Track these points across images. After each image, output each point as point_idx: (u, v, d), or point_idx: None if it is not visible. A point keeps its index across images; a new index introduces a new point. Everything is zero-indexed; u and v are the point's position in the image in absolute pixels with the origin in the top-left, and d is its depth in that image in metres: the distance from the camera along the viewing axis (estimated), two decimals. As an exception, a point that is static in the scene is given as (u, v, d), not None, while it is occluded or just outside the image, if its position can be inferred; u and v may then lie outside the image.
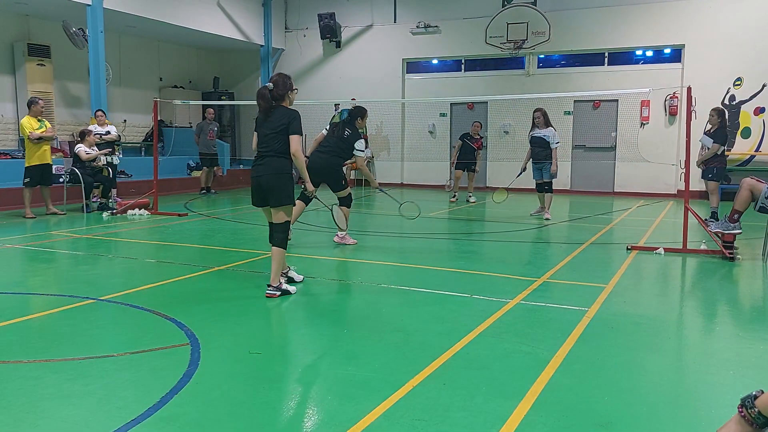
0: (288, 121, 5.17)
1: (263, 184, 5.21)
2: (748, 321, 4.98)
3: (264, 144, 5.26)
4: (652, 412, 3.09)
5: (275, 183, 5.18)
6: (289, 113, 5.22)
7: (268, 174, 5.19)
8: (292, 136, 5.16)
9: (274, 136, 5.19)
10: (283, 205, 5.23)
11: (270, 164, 5.21)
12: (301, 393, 3.37)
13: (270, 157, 5.22)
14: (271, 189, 5.19)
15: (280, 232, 5.28)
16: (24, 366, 3.65)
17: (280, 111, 5.23)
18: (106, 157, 11.62)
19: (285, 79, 5.31)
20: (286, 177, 5.22)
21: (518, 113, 16.28)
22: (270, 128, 5.22)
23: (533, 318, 4.70)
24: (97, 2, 12.66)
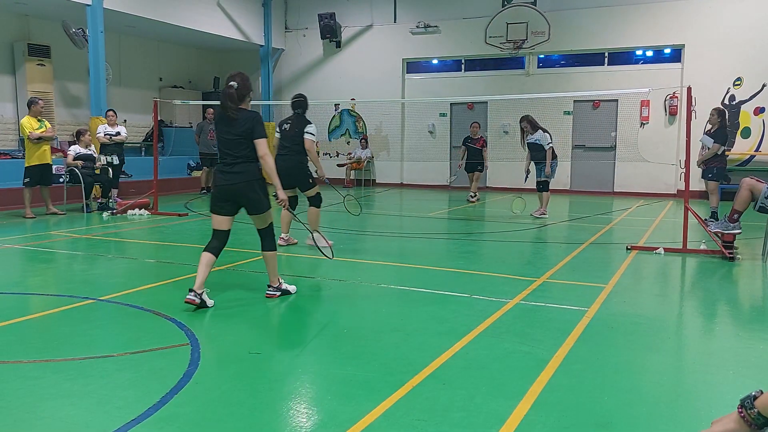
0: (252, 125, 4.91)
1: (239, 192, 4.99)
2: (747, 321, 4.98)
3: (230, 149, 4.97)
4: (652, 412, 3.09)
5: (252, 191, 4.99)
6: (252, 117, 4.96)
7: (244, 182, 4.96)
8: (258, 140, 4.92)
9: (240, 141, 4.92)
10: (265, 211, 5.11)
11: (243, 172, 4.95)
12: (301, 393, 3.37)
13: (242, 163, 4.95)
14: (249, 198, 5.01)
15: (267, 237, 5.19)
16: (24, 366, 3.65)
17: (243, 114, 4.95)
18: (106, 157, 11.62)
19: (246, 80, 5.04)
20: (261, 182, 5.05)
21: (518, 113, 16.11)
22: (234, 132, 4.93)
23: (533, 318, 4.70)
24: (97, 2, 12.65)
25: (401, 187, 17.86)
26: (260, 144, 4.94)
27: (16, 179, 11.03)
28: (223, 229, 5.09)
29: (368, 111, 18.24)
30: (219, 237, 5.09)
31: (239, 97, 4.95)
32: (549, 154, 10.64)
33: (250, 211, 5.10)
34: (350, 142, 18.65)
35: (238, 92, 4.94)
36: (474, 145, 13.48)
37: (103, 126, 11.95)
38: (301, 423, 2.98)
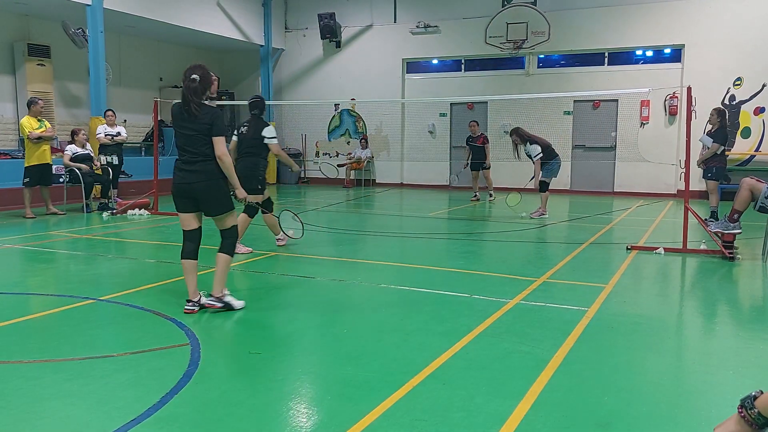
0: (211, 121, 4.65)
1: (197, 192, 4.70)
2: (747, 321, 4.98)
3: (189, 146, 4.70)
4: (652, 412, 3.09)
5: (212, 191, 4.71)
6: (212, 113, 4.69)
7: (203, 181, 4.67)
8: (216, 138, 4.65)
9: (200, 138, 4.66)
10: (227, 212, 4.83)
11: (202, 170, 4.67)
12: (301, 393, 3.37)
13: (201, 162, 4.67)
14: (209, 198, 4.73)
15: (228, 238, 4.89)
16: (24, 366, 3.65)
17: (204, 109, 4.68)
18: (106, 157, 11.61)
19: (207, 72, 4.76)
20: (222, 182, 4.77)
21: (518, 113, 16.28)
22: (194, 128, 4.66)
23: (533, 318, 4.70)
24: (97, 2, 12.65)
25: (401, 187, 17.86)
26: (218, 142, 4.66)
27: (16, 179, 11.02)
28: (193, 227, 4.86)
29: (368, 111, 18.25)
30: (191, 238, 4.85)
31: (202, 90, 4.71)
32: (537, 167, 10.63)
33: (210, 212, 4.80)
34: (350, 142, 18.65)
35: (201, 85, 4.68)
36: (476, 143, 13.51)
37: (102, 126, 11.92)
38: (301, 423, 2.98)
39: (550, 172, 10.71)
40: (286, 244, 7.76)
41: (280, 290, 5.72)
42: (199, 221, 4.89)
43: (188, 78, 4.64)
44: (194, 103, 4.64)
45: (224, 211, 4.81)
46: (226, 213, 4.83)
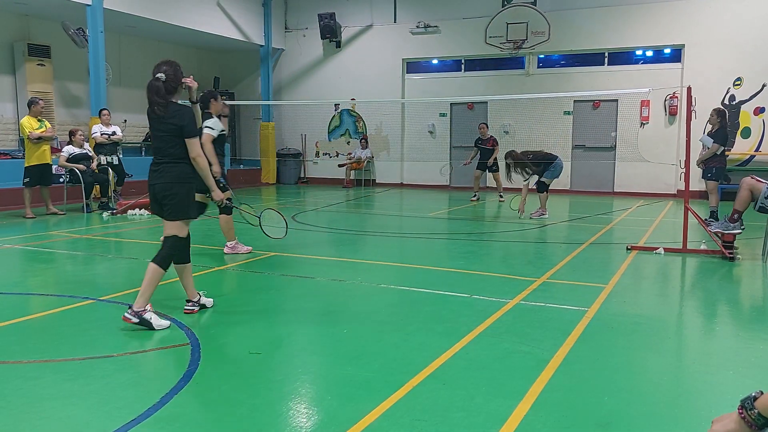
0: (181, 122, 4.42)
1: (158, 193, 4.48)
2: (747, 321, 4.98)
3: (159, 147, 4.50)
4: (652, 412, 3.09)
5: (171, 193, 4.43)
6: (182, 112, 4.46)
7: (165, 182, 4.44)
8: (189, 139, 4.43)
9: (169, 139, 4.44)
10: (176, 219, 4.48)
11: (168, 171, 4.45)
12: (301, 393, 3.37)
13: (167, 163, 4.46)
14: (166, 199, 4.46)
15: (165, 248, 4.50)
16: (24, 366, 3.65)
17: (173, 108, 4.45)
18: (106, 157, 11.60)
19: (177, 69, 4.49)
20: (185, 186, 4.49)
21: (518, 113, 16.30)
22: (164, 129, 4.45)
23: (533, 318, 4.70)
24: (97, 2, 12.66)
25: (401, 187, 17.86)
26: (191, 144, 4.44)
27: (16, 179, 11.02)
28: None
29: (368, 111, 18.25)
30: None
31: (168, 90, 4.45)
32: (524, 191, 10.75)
33: (165, 214, 4.53)
34: (350, 142, 18.66)
35: (167, 85, 4.43)
36: (485, 146, 13.56)
37: (98, 126, 11.87)
38: (301, 423, 2.98)
39: (552, 174, 10.71)
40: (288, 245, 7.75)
41: (280, 290, 5.72)
42: None
43: (154, 76, 4.41)
44: (156, 104, 4.42)
45: (175, 217, 4.49)
46: (176, 220, 4.49)
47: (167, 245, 4.51)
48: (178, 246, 4.54)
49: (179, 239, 4.53)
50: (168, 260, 4.50)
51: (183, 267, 4.71)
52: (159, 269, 4.43)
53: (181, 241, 4.55)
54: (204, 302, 4.84)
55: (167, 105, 4.44)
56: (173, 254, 4.54)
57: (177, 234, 4.52)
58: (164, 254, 4.48)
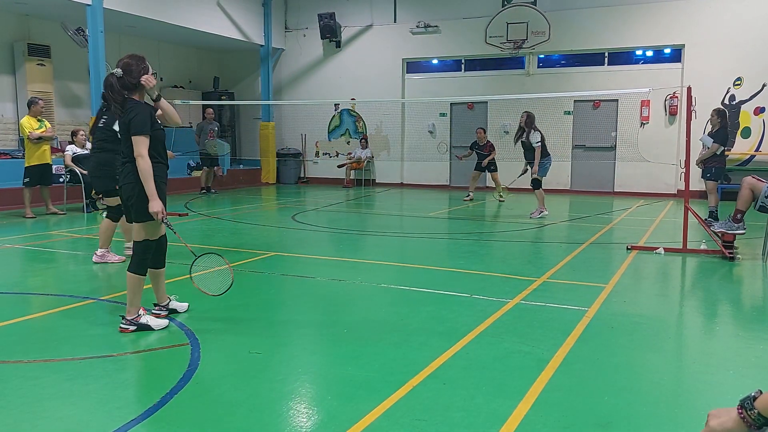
0: (128, 117, 4.16)
1: (122, 195, 4.36)
2: (748, 321, 4.98)
3: (125, 147, 4.29)
4: (652, 412, 3.09)
5: (133, 193, 4.22)
6: (133, 108, 4.19)
7: (127, 183, 4.26)
8: (133, 137, 4.14)
9: (126, 138, 4.22)
10: (140, 221, 4.30)
11: (129, 171, 4.24)
12: (301, 393, 3.37)
13: (128, 163, 4.25)
14: (130, 200, 4.27)
15: (136, 254, 4.34)
16: (24, 366, 3.65)
17: (128, 104, 4.23)
18: (106, 157, 11.58)
19: (138, 63, 4.27)
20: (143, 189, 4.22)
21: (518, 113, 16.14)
22: (122, 128, 4.27)
23: (533, 318, 4.69)
24: (97, 2, 12.65)
25: (401, 186, 17.86)
26: (135, 142, 4.13)
27: (16, 179, 11.02)
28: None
29: (368, 111, 18.25)
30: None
31: (123, 86, 4.22)
32: (537, 153, 10.68)
33: (130, 215, 4.39)
34: (350, 142, 18.65)
35: (122, 81, 4.22)
36: (482, 151, 13.59)
37: None
38: (301, 423, 2.98)
39: (543, 170, 10.76)
40: (288, 245, 7.76)
41: (280, 290, 5.72)
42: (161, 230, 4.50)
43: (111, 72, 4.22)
44: (112, 100, 4.22)
45: (139, 219, 4.29)
46: (141, 222, 4.31)
47: (138, 250, 4.35)
48: (148, 249, 4.37)
49: (149, 243, 4.37)
50: (142, 265, 4.34)
51: (156, 272, 4.58)
52: (136, 276, 4.31)
53: (151, 244, 4.38)
54: (174, 306, 4.71)
55: (123, 101, 4.22)
56: (146, 258, 4.37)
57: (146, 237, 4.35)
58: (137, 260, 4.33)
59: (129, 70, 4.22)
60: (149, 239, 4.36)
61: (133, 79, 4.24)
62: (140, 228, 4.33)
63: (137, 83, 4.26)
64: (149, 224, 4.31)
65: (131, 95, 4.27)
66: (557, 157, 15.81)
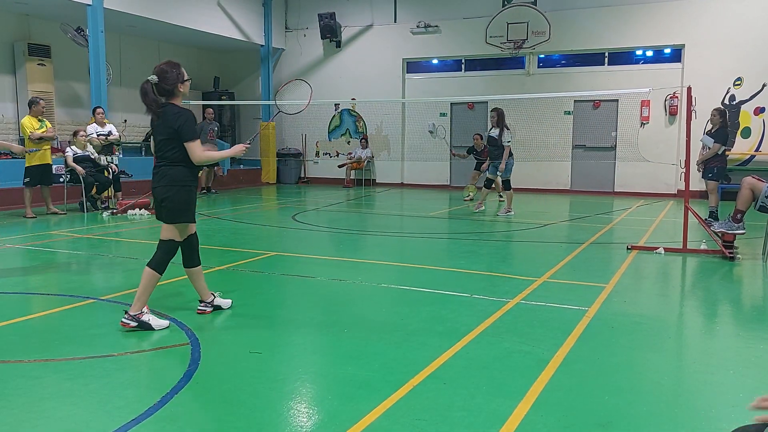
0: (177, 124, 4.28)
1: (157, 196, 4.44)
2: (748, 321, 4.98)
3: (158, 150, 4.42)
4: (652, 412, 3.09)
5: (170, 195, 4.36)
6: (179, 114, 4.31)
7: (162, 185, 4.38)
8: (188, 144, 4.30)
9: (166, 142, 4.34)
10: (172, 222, 4.42)
11: (164, 174, 4.38)
12: (302, 393, 3.37)
13: (164, 166, 4.39)
14: (164, 201, 4.39)
15: (161, 252, 4.43)
16: (24, 365, 3.65)
17: (170, 110, 4.33)
18: (106, 157, 11.59)
19: (173, 69, 4.36)
20: (182, 190, 4.39)
21: (518, 113, 16.27)
22: (161, 132, 4.35)
23: (533, 318, 4.70)
24: (98, 2, 12.66)
25: (401, 186, 17.86)
26: (191, 148, 4.31)
27: (16, 179, 11.03)
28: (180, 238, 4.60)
29: (368, 111, 18.25)
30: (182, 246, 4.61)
31: (160, 92, 4.34)
32: (506, 152, 10.83)
33: (162, 216, 4.48)
34: (350, 141, 18.66)
35: (158, 87, 4.32)
36: (480, 156, 13.70)
37: (93, 126, 11.70)
38: (301, 423, 2.98)
39: (508, 170, 10.98)
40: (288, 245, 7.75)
41: (280, 290, 5.73)
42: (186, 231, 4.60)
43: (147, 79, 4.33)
44: (147, 106, 4.33)
45: (171, 220, 4.42)
46: (172, 223, 4.43)
47: (163, 249, 4.43)
48: (173, 250, 4.47)
49: (175, 243, 4.47)
50: (163, 264, 4.42)
51: (192, 271, 4.67)
52: (155, 273, 4.37)
53: (176, 245, 4.48)
54: (219, 303, 4.82)
55: (161, 107, 4.33)
56: (169, 258, 4.45)
57: (173, 238, 4.45)
58: (159, 258, 4.40)
59: (165, 76, 4.32)
60: (175, 240, 4.47)
61: (169, 86, 4.34)
62: (170, 228, 4.45)
63: (173, 89, 4.37)
64: (179, 226, 4.45)
65: (168, 101, 4.39)
66: (557, 157, 15.90)
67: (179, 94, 4.43)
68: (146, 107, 4.34)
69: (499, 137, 10.81)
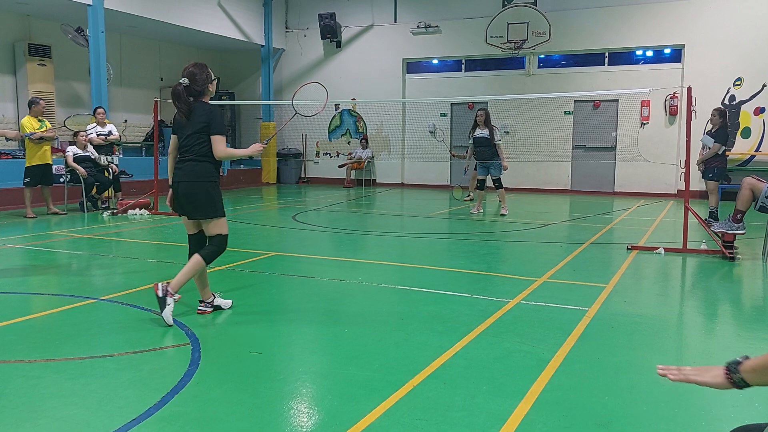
0: (208, 119, 4.44)
1: (182, 192, 4.51)
2: (748, 321, 4.98)
3: (184, 146, 4.53)
4: (652, 412, 3.09)
5: (196, 191, 4.47)
6: (209, 110, 4.48)
7: (188, 181, 4.47)
8: (215, 136, 4.44)
9: (196, 137, 4.47)
10: (211, 218, 4.55)
11: (190, 170, 4.48)
12: (302, 393, 3.38)
13: (190, 161, 4.48)
14: (193, 199, 4.49)
15: (215, 245, 4.59)
16: (25, 365, 3.66)
17: (200, 108, 4.48)
18: (106, 157, 11.59)
19: (202, 71, 4.54)
20: (209, 184, 4.52)
21: (519, 113, 16.30)
22: (190, 127, 4.49)
23: (533, 318, 4.70)
24: (98, 2, 12.66)
25: (402, 186, 17.86)
26: (215, 141, 4.44)
27: (16, 179, 11.03)
28: (192, 232, 4.73)
29: (369, 111, 18.26)
30: (192, 242, 4.71)
31: (191, 93, 4.51)
32: (502, 150, 10.89)
33: (196, 215, 4.56)
34: (351, 142, 18.66)
35: (188, 89, 4.49)
36: None
37: (92, 126, 11.69)
38: (301, 423, 2.99)
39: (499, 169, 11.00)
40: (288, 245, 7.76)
41: (280, 290, 5.73)
42: (197, 226, 4.71)
43: (179, 82, 4.49)
44: (179, 109, 4.49)
45: (209, 216, 4.55)
46: (210, 218, 4.56)
47: (215, 242, 4.60)
48: (223, 243, 4.63)
49: (223, 237, 4.62)
50: (213, 256, 4.59)
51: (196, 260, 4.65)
52: (201, 261, 4.53)
53: (225, 238, 4.64)
54: (219, 303, 4.84)
55: (192, 107, 4.48)
56: (220, 252, 4.64)
57: (221, 232, 4.61)
58: (212, 250, 4.58)
59: (195, 78, 4.49)
60: (223, 233, 4.62)
61: (199, 87, 4.51)
62: (214, 224, 4.59)
63: (203, 90, 4.54)
64: (219, 220, 4.59)
65: (198, 100, 4.53)
66: (558, 157, 15.91)
67: (208, 93, 4.60)
68: (177, 109, 4.50)
69: (492, 136, 10.77)
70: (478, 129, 10.90)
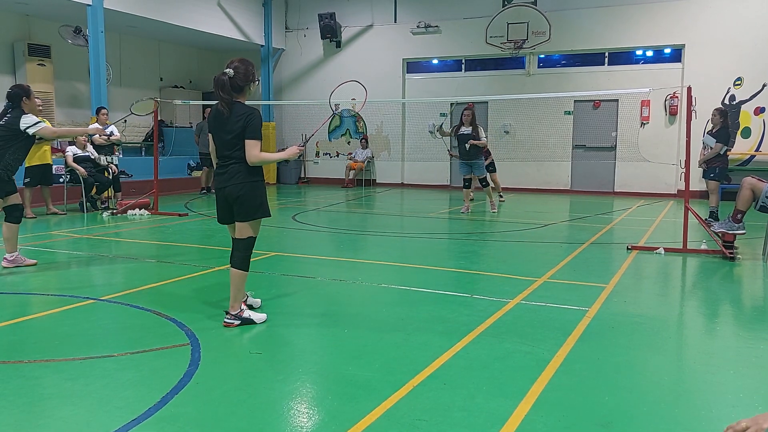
0: (245, 122, 4.26)
1: (229, 195, 4.37)
2: (748, 321, 4.98)
3: (225, 149, 4.38)
4: (652, 412, 3.09)
5: (244, 192, 4.33)
6: (248, 113, 4.30)
7: (235, 183, 4.33)
8: (250, 141, 4.26)
9: (235, 142, 4.30)
10: (251, 219, 4.41)
11: (236, 172, 4.34)
12: (302, 393, 3.37)
13: (234, 164, 4.35)
14: (239, 199, 4.34)
15: (242, 250, 4.43)
16: (25, 366, 3.65)
17: (238, 109, 4.31)
18: (106, 157, 11.59)
19: (248, 68, 4.40)
20: (257, 184, 4.39)
21: (519, 113, 16.29)
22: (229, 131, 4.32)
23: (534, 318, 4.70)
24: (98, 2, 12.66)
25: (402, 186, 17.86)
26: (250, 145, 4.26)
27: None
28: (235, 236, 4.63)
29: (368, 111, 18.24)
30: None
31: (233, 87, 4.32)
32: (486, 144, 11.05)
33: (238, 215, 4.42)
34: (350, 142, 18.66)
35: (233, 82, 4.31)
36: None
37: (95, 126, 11.74)
38: (301, 423, 2.98)
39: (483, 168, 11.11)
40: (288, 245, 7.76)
41: (280, 290, 5.72)
42: None
43: (223, 71, 4.32)
44: (221, 99, 4.31)
45: (252, 217, 4.40)
46: (248, 221, 4.40)
47: (243, 246, 4.43)
48: (252, 246, 4.49)
49: (253, 239, 4.47)
50: (247, 261, 4.45)
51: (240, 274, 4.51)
52: (242, 273, 4.43)
53: (254, 241, 4.49)
54: (251, 302, 4.80)
55: (232, 103, 4.32)
56: (250, 254, 4.48)
57: (252, 234, 4.45)
58: (242, 256, 4.43)
59: (239, 72, 4.34)
60: (253, 236, 4.47)
61: (241, 82, 4.35)
62: (246, 226, 4.42)
63: (244, 86, 4.39)
64: (255, 222, 4.45)
65: (237, 98, 4.37)
66: (558, 157, 15.90)
67: (248, 92, 4.46)
68: (219, 99, 4.32)
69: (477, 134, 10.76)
70: (463, 127, 10.89)
